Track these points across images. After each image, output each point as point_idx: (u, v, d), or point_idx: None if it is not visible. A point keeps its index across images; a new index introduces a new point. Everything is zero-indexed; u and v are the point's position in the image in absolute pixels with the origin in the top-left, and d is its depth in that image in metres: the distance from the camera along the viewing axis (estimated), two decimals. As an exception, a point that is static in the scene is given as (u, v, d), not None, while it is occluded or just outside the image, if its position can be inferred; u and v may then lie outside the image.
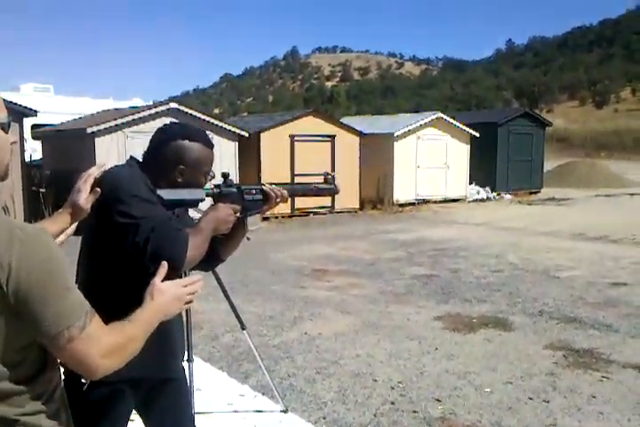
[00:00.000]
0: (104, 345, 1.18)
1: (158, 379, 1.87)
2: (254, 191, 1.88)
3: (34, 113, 11.42)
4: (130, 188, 1.65)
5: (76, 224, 1.70)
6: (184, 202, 1.80)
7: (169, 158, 1.78)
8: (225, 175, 1.86)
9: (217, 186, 1.84)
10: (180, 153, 1.78)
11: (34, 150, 13.86)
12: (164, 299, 1.38)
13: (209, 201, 1.84)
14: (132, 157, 1.86)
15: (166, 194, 1.74)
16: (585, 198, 18.23)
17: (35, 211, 10.83)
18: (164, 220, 1.65)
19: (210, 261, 1.93)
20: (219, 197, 1.82)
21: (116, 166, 1.79)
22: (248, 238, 1.93)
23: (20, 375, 1.14)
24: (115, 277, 1.68)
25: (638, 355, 4.68)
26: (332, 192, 2.07)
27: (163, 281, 1.42)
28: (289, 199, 1.97)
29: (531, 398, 3.88)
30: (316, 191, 2.06)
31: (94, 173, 1.68)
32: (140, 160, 1.84)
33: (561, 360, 4.59)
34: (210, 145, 1.86)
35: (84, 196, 1.62)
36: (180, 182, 1.79)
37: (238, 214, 1.83)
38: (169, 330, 1.83)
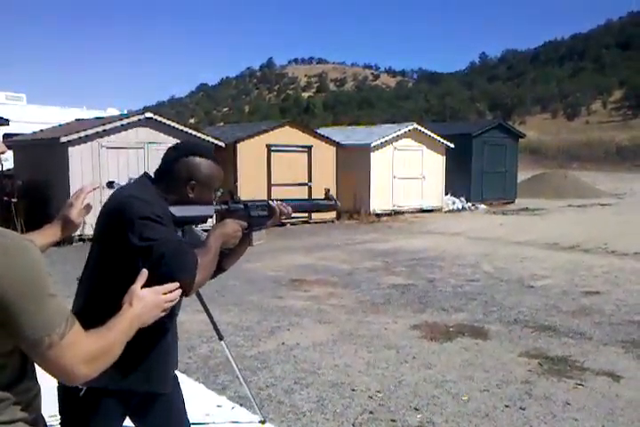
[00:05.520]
0: (84, 352, 1.18)
1: (155, 392, 1.89)
2: (260, 207, 1.93)
3: (6, 122, 11.28)
4: (141, 209, 1.64)
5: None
6: (194, 218, 1.85)
7: (181, 174, 1.81)
8: (231, 192, 1.93)
9: (224, 202, 1.89)
10: (192, 169, 1.82)
11: (5, 160, 13.64)
12: (143, 306, 1.38)
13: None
14: (145, 173, 1.88)
15: (177, 211, 1.77)
16: (557, 209, 18.53)
17: (5, 221, 10.64)
18: (175, 243, 1.66)
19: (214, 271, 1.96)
20: (227, 213, 1.87)
21: (128, 184, 1.82)
22: (251, 244, 1.98)
23: (1, 382, 1.14)
24: (120, 292, 1.67)
25: (611, 362, 4.76)
26: (334, 208, 2.15)
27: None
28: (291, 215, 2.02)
29: (507, 406, 3.91)
30: (318, 207, 2.14)
31: (87, 188, 1.71)
32: (153, 176, 1.86)
33: (536, 368, 4.64)
34: (218, 161, 1.91)
35: (76, 211, 1.64)
36: (191, 198, 1.82)
37: (245, 230, 1.88)
38: (170, 344, 1.87)
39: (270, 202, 1.94)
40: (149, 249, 1.60)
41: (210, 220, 1.91)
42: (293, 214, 2.02)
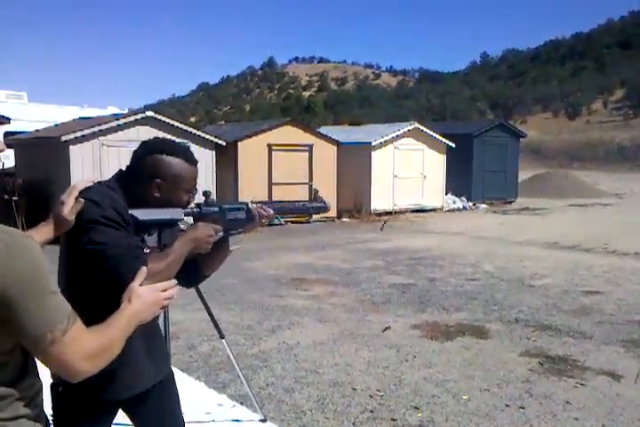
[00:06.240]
0: (85, 348, 1.19)
1: (123, 399, 1.86)
2: (237, 210, 1.83)
3: (7, 120, 11.27)
4: (92, 212, 1.62)
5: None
6: (159, 222, 1.74)
7: (145, 172, 1.75)
8: (206, 194, 1.84)
9: (197, 205, 1.80)
10: (157, 167, 1.74)
11: (6, 158, 13.64)
12: (141, 303, 1.39)
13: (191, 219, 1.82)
14: (120, 170, 1.83)
15: (140, 214, 1.69)
16: (558, 208, 18.52)
17: (6, 219, 10.65)
18: (123, 248, 1.61)
19: (193, 277, 1.93)
20: (199, 216, 1.78)
21: (94, 185, 1.75)
22: (228, 249, 1.90)
23: (4, 379, 1.15)
24: (88, 291, 1.67)
25: (612, 362, 4.76)
26: (323, 210, 2.01)
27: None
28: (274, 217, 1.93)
29: (507, 405, 3.91)
30: (305, 210, 2.00)
31: (79, 186, 1.69)
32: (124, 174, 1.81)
33: (536, 367, 4.64)
34: (192, 161, 1.81)
35: (68, 208, 1.64)
36: (158, 197, 1.75)
37: (220, 234, 1.79)
38: (137, 347, 1.79)
39: (249, 204, 1.85)
40: (97, 253, 1.59)
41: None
42: (284, 217, 1.96)
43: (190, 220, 1.82)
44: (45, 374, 1.32)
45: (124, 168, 1.83)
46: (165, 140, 1.86)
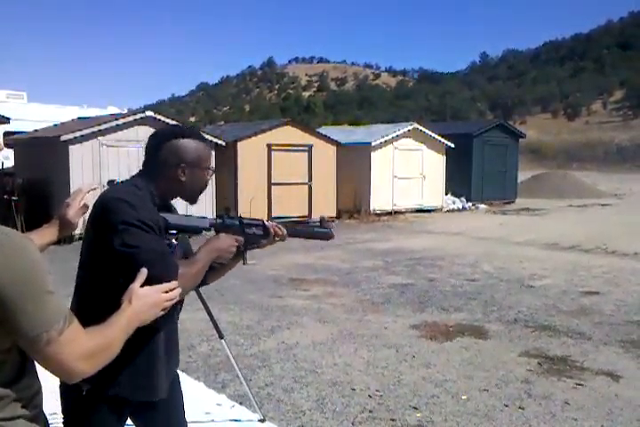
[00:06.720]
0: (82, 348, 1.19)
1: (139, 400, 1.87)
2: (255, 226, 1.89)
3: (6, 120, 11.27)
4: (125, 214, 1.60)
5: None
6: (187, 228, 1.81)
7: (168, 160, 1.76)
8: (227, 208, 1.90)
9: (220, 216, 1.85)
10: (178, 152, 1.77)
11: (6, 158, 13.65)
12: (142, 304, 1.39)
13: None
14: (141, 170, 1.83)
15: (171, 218, 1.74)
16: (557, 209, 18.52)
17: (5, 219, 10.64)
18: (156, 252, 1.61)
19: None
20: (221, 227, 1.83)
21: (120, 183, 1.76)
22: (244, 263, 1.95)
23: (1, 379, 1.15)
24: (105, 292, 1.67)
25: (610, 362, 4.76)
26: (328, 237, 2.07)
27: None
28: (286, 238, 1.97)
29: (506, 406, 3.91)
30: (312, 234, 2.07)
31: (84, 189, 1.71)
32: (142, 171, 1.81)
33: (536, 368, 4.64)
34: (204, 140, 1.85)
35: (73, 211, 1.65)
36: (185, 182, 1.78)
37: (241, 247, 1.84)
38: (161, 353, 1.82)
39: (265, 222, 1.90)
40: (129, 256, 1.58)
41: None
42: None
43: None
44: (47, 376, 1.32)
45: (141, 168, 1.84)
46: (173, 126, 1.89)
